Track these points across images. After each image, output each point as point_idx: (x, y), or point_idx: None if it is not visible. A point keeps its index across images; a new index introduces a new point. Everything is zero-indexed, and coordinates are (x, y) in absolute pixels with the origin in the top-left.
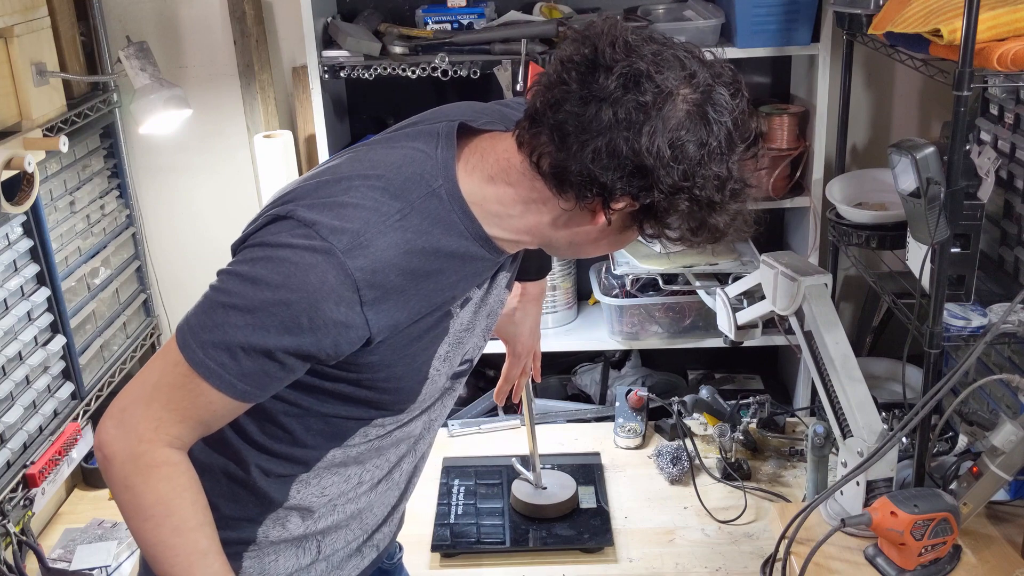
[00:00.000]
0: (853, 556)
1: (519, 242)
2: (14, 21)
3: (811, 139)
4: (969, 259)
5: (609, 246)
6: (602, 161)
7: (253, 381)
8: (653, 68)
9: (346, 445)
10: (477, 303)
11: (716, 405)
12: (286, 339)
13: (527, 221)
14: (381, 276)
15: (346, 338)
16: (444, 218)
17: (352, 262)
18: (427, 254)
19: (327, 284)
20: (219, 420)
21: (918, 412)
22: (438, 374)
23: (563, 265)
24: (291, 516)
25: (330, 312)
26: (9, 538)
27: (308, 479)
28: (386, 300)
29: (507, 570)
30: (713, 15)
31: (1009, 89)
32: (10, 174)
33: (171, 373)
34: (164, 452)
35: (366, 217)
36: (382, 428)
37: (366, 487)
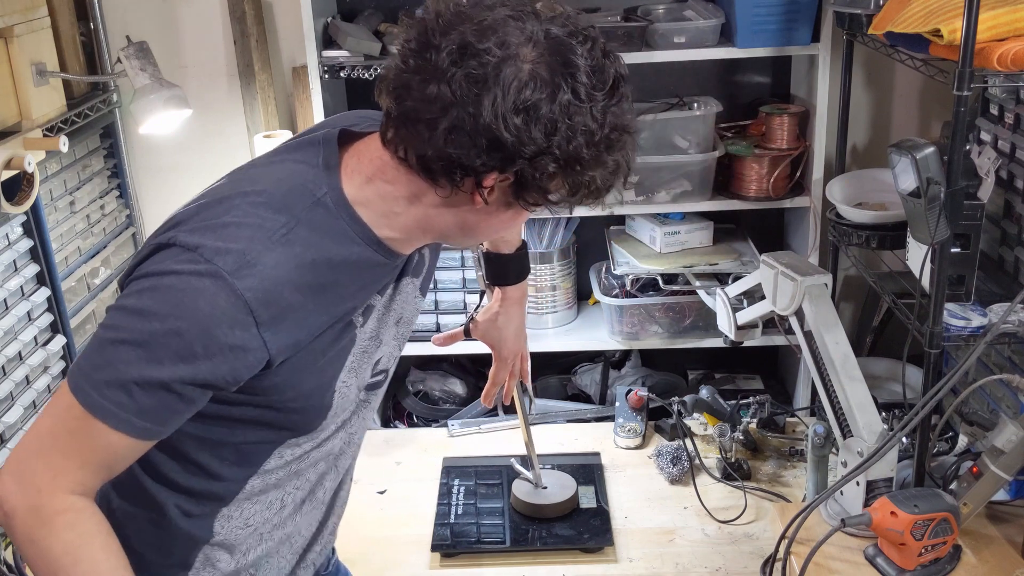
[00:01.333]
0: (853, 556)
1: (411, 239)
2: (14, 21)
3: (811, 139)
4: (969, 259)
5: (502, 225)
6: (454, 141)
7: (152, 417)
8: (480, 35)
9: (263, 472)
10: (381, 311)
11: (716, 405)
12: (181, 369)
13: (413, 216)
14: (274, 295)
15: (244, 362)
16: (332, 227)
17: (241, 283)
18: (319, 266)
19: (218, 308)
20: (122, 461)
21: (918, 412)
22: (347, 387)
23: (563, 265)
24: (219, 554)
25: (224, 337)
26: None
27: (230, 512)
28: (283, 319)
29: (507, 570)
30: (713, 15)
31: (1009, 89)
32: (10, 174)
33: (65, 418)
34: (66, 499)
35: (250, 235)
36: (298, 448)
37: (289, 510)
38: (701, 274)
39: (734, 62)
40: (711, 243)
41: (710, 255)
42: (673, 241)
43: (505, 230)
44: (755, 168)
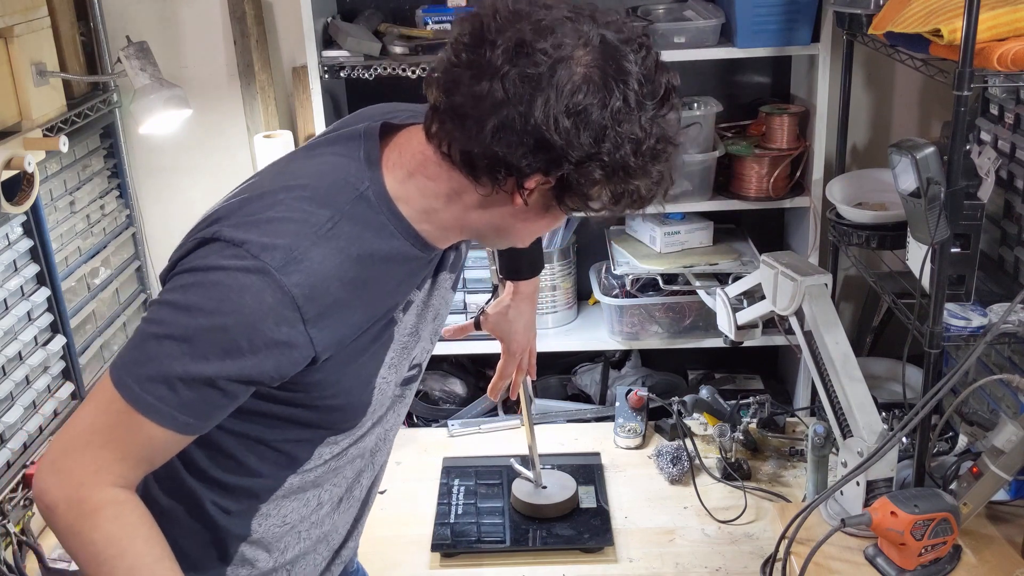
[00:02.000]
0: (853, 556)
1: (447, 236)
2: (14, 21)
3: (811, 139)
4: (969, 259)
5: (538, 229)
6: (502, 140)
7: (194, 412)
8: (538, 34)
9: (302, 471)
10: (420, 306)
11: (716, 405)
12: (226, 365)
13: (451, 213)
14: (320, 290)
15: (289, 359)
16: (374, 221)
17: (288, 279)
18: (363, 261)
19: (265, 304)
20: (162, 455)
21: (918, 412)
22: (386, 383)
23: (563, 265)
24: (257, 552)
25: (270, 333)
26: (9, 538)
27: (268, 511)
28: (329, 315)
29: (507, 570)
30: (713, 15)
31: (1009, 89)
32: (10, 174)
33: (107, 412)
34: (108, 492)
35: (296, 230)
36: (336, 446)
37: (327, 508)
38: (701, 274)
39: (734, 62)
40: (711, 243)
41: (710, 255)
42: (673, 241)
43: (538, 234)
44: (755, 168)
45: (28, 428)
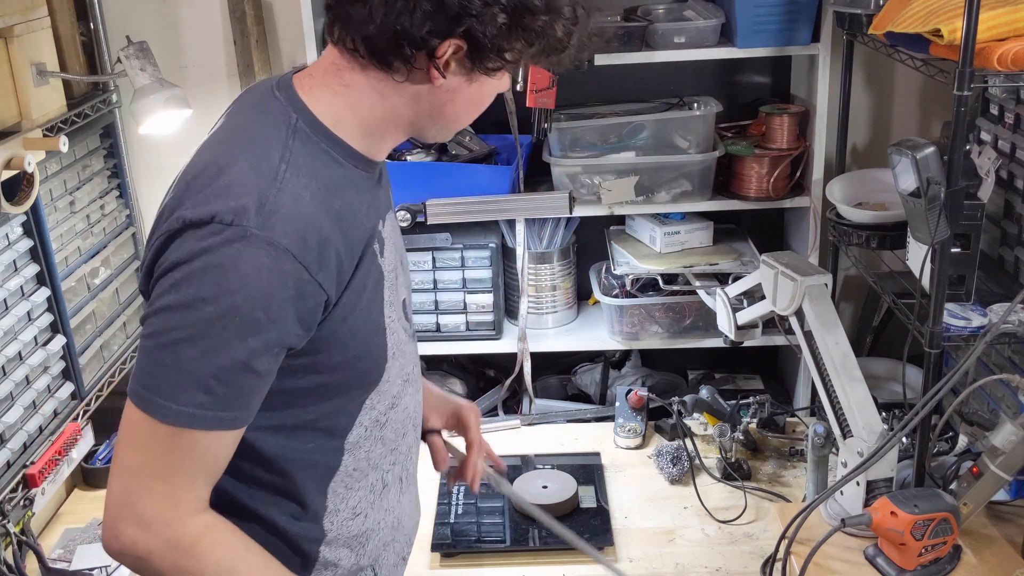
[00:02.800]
0: (853, 556)
1: (384, 140)
2: (14, 21)
3: (811, 139)
4: (969, 259)
5: (471, 104)
6: (392, 10)
7: (238, 404)
8: None
9: (351, 447)
10: (390, 244)
11: (716, 405)
12: (252, 344)
13: (381, 114)
14: (308, 232)
15: (307, 310)
16: (316, 151)
17: (272, 233)
18: (327, 191)
19: (264, 268)
20: (225, 459)
21: (918, 412)
22: (393, 323)
23: (563, 265)
24: (339, 552)
25: (282, 293)
26: (9, 538)
27: (336, 506)
28: (324, 254)
29: (507, 570)
30: (713, 15)
31: (1009, 89)
32: (10, 174)
33: (152, 443)
34: (197, 521)
35: (255, 182)
36: (374, 411)
37: (394, 492)
38: (701, 274)
39: (734, 62)
40: (711, 243)
41: (710, 255)
42: (673, 241)
43: (476, 110)
44: (755, 168)
45: (28, 428)
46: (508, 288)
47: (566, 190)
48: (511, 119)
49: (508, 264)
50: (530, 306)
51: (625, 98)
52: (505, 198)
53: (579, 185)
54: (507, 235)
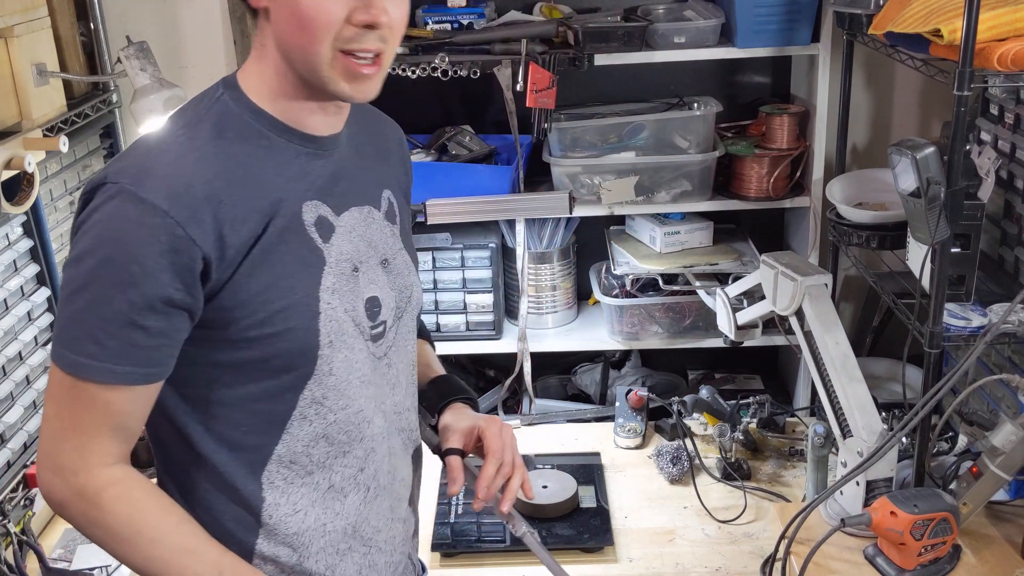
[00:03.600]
0: (853, 556)
1: (291, 101)
2: (14, 21)
3: (811, 139)
4: (969, 259)
5: (297, 26)
6: None
7: (130, 359)
8: None
9: (288, 436)
10: (347, 233)
11: (716, 405)
12: (130, 296)
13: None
14: (181, 189)
15: (182, 264)
16: (237, 122)
17: (142, 190)
18: (228, 157)
19: (132, 221)
20: (132, 419)
21: (918, 412)
22: (333, 310)
23: (563, 265)
24: (278, 548)
25: (152, 246)
26: (9, 538)
27: (275, 499)
28: (201, 211)
29: (507, 570)
30: (713, 15)
31: (1009, 89)
32: (10, 174)
33: (60, 393)
34: (104, 474)
35: (149, 146)
36: (316, 404)
37: (352, 498)
38: (701, 274)
39: (734, 62)
40: (711, 243)
41: (710, 255)
42: (673, 241)
43: (302, 33)
44: (755, 168)
45: (28, 428)
46: (508, 288)
47: (566, 190)
48: (511, 119)
49: (508, 264)
50: (530, 306)
51: (625, 98)
52: (505, 198)
53: (579, 185)
54: (507, 235)
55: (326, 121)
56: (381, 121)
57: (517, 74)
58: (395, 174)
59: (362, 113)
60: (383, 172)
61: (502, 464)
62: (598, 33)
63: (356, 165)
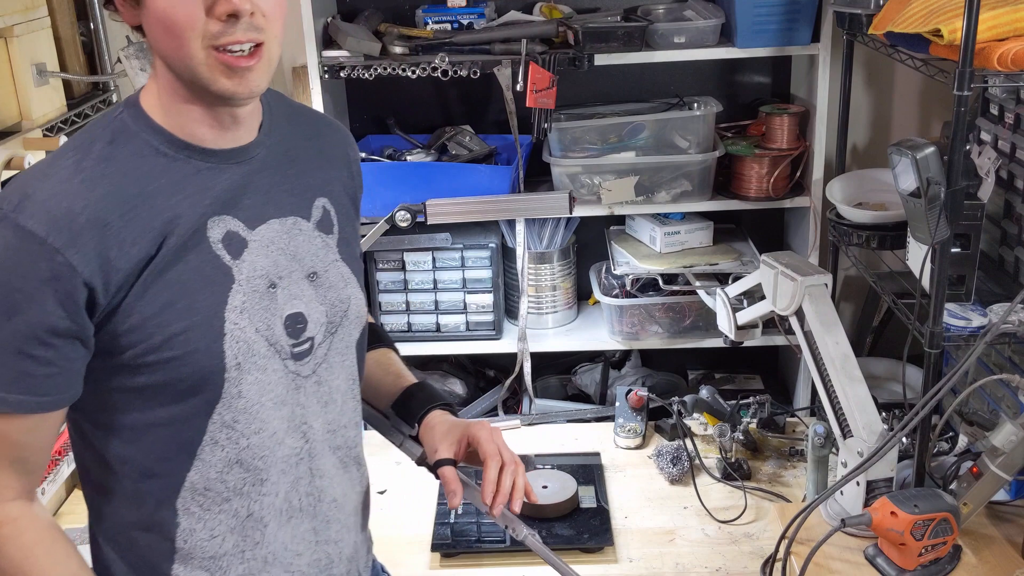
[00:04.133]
0: (853, 556)
1: (180, 112)
2: (14, 21)
3: (811, 139)
4: (969, 259)
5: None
6: None
7: (21, 387)
8: None
9: (201, 462)
10: (263, 249)
11: (716, 405)
12: (15, 323)
13: (162, 82)
14: (61, 215)
15: (64, 291)
16: (133, 141)
17: (22, 216)
18: (115, 179)
19: (11, 248)
20: (27, 451)
21: (918, 412)
22: (241, 330)
23: (563, 265)
24: (195, 573)
25: (32, 274)
26: None
27: (190, 525)
28: (82, 236)
29: (507, 570)
30: (713, 15)
31: (1009, 89)
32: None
33: None
34: (1, 509)
35: (34, 173)
36: (227, 428)
37: (271, 525)
38: (701, 274)
39: (734, 62)
40: (711, 243)
41: (710, 255)
42: (673, 241)
43: (169, 36)
44: (755, 168)
45: None
46: (508, 288)
47: (566, 190)
48: (511, 119)
49: (508, 264)
50: (530, 306)
51: (625, 98)
52: (505, 198)
53: (579, 185)
54: (507, 235)
55: (224, 133)
56: (325, 127)
57: (517, 74)
58: (337, 181)
59: (300, 118)
60: (319, 178)
61: (503, 464)
62: (598, 33)
63: (279, 174)
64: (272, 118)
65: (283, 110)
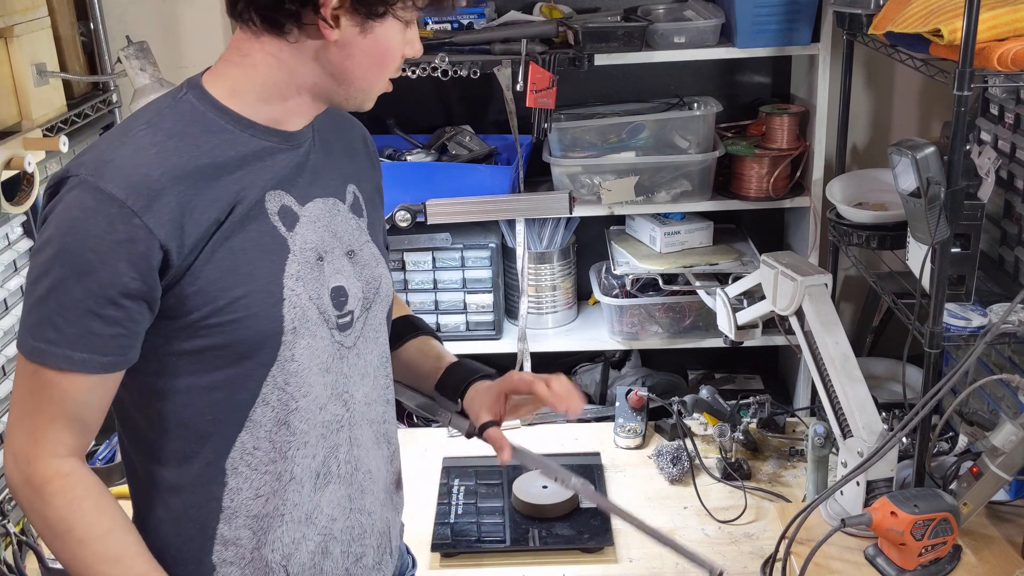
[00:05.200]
0: (853, 556)
1: (289, 106)
2: (14, 21)
3: (811, 139)
4: (969, 259)
5: (370, 59)
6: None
7: (87, 346)
8: None
9: (251, 424)
10: (312, 223)
11: (716, 405)
12: (86, 284)
13: (280, 78)
14: (138, 180)
15: (138, 254)
16: (200, 119)
17: (102, 180)
18: (187, 150)
19: (89, 211)
20: (89, 409)
21: (918, 412)
22: (297, 297)
23: (563, 265)
24: (239, 531)
25: (108, 236)
26: (9, 538)
27: (237, 484)
28: (158, 200)
29: (507, 570)
30: (713, 15)
31: (1009, 89)
32: (10, 174)
33: (22, 381)
34: (51, 465)
35: (110, 141)
36: (279, 391)
37: (308, 487)
38: (701, 274)
39: (734, 62)
40: (711, 243)
41: (710, 255)
42: (673, 241)
43: (377, 66)
44: (755, 168)
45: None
46: (508, 288)
47: (566, 190)
48: (511, 119)
49: (508, 264)
50: (530, 306)
51: (625, 98)
52: (505, 198)
53: (579, 185)
54: (507, 235)
55: (294, 119)
56: (344, 120)
57: (517, 74)
58: (362, 170)
59: (331, 110)
60: (349, 168)
61: (547, 380)
62: (598, 33)
63: (322, 159)
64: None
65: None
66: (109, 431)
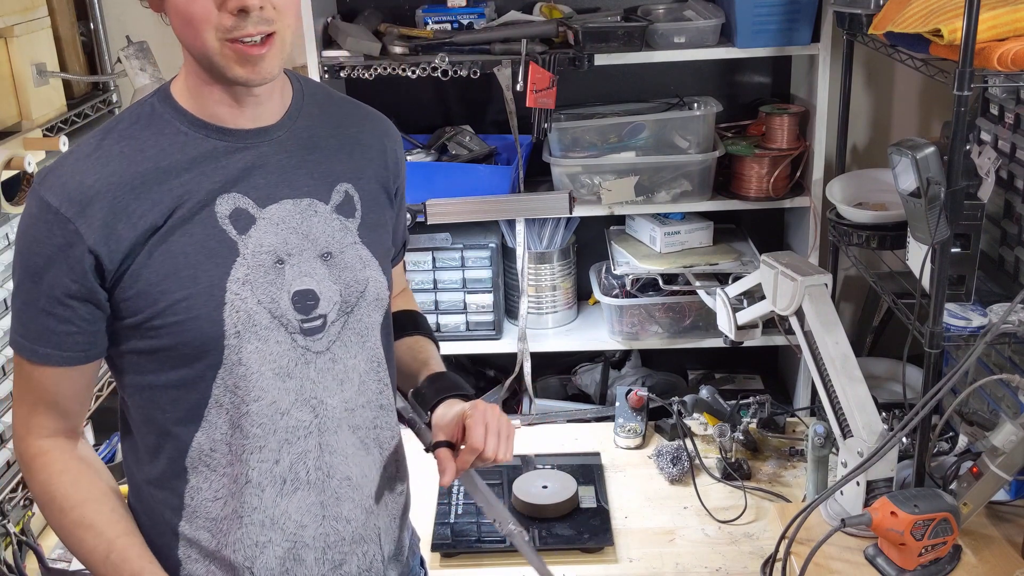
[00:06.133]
0: (853, 556)
1: (203, 95)
2: (14, 21)
3: (811, 139)
4: (969, 259)
5: (185, 20)
6: None
7: (47, 341)
8: None
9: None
10: (274, 227)
11: (716, 405)
12: (38, 285)
13: (190, 68)
14: (74, 187)
15: (74, 258)
16: (155, 122)
17: (43, 188)
18: (130, 156)
19: (34, 217)
20: (61, 396)
21: (918, 412)
22: (240, 300)
23: (563, 265)
24: (198, 532)
25: (48, 240)
26: (9, 538)
27: (197, 483)
28: (90, 207)
29: (507, 570)
30: (713, 15)
31: (1009, 89)
32: (10, 174)
33: (15, 370)
34: (36, 444)
35: (66, 151)
36: (229, 393)
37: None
38: (701, 274)
39: (734, 62)
40: (711, 243)
41: (710, 255)
42: (673, 241)
43: (189, 26)
44: (755, 168)
45: None
46: (508, 288)
47: (566, 190)
48: (511, 119)
49: (508, 264)
50: (530, 306)
51: (625, 98)
52: (505, 198)
53: (579, 185)
54: (507, 235)
55: (243, 112)
56: (364, 118)
57: (517, 74)
58: (364, 168)
59: (335, 108)
60: (344, 165)
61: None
62: (598, 33)
63: (298, 157)
64: (303, 105)
65: (319, 99)
66: (109, 431)
